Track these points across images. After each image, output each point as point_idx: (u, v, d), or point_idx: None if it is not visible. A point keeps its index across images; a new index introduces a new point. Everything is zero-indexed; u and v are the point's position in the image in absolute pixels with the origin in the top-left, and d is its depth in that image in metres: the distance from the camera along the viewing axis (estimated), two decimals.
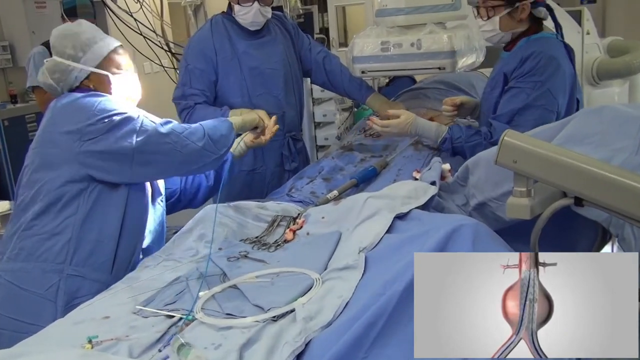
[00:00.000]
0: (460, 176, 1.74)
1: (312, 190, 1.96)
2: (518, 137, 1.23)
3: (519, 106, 1.89)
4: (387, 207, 1.51)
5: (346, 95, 2.65)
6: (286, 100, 2.39)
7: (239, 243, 1.61)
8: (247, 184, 2.38)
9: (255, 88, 2.31)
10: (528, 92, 1.88)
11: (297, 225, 1.64)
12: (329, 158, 2.25)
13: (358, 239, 1.42)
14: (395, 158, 2.09)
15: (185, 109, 2.21)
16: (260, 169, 2.39)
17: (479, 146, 1.93)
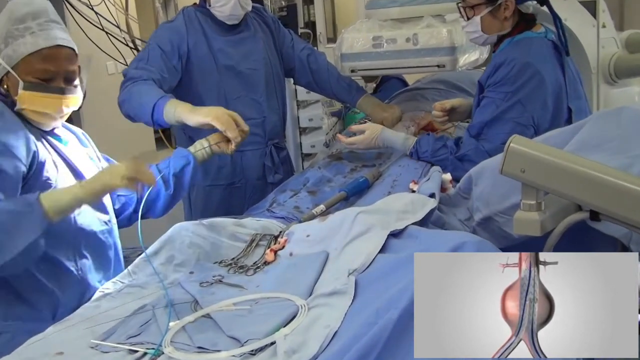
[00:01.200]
0: (462, 187, 1.74)
1: (296, 204, 1.96)
2: (525, 144, 1.23)
3: (487, 118, 1.94)
4: (381, 223, 1.51)
5: (334, 98, 2.66)
6: (268, 104, 2.40)
7: (212, 266, 1.60)
8: (224, 199, 2.38)
9: (232, 90, 2.31)
10: (497, 104, 1.92)
11: (279, 244, 1.63)
12: (315, 168, 2.26)
13: (347, 259, 1.42)
14: (389, 168, 2.10)
15: (131, 79, 2.10)
16: (239, 182, 2.39)
17: (445, 161, 1.99)
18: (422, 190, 1.73)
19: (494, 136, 1.91)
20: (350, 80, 2.53)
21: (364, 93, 2.54)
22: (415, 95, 2.72)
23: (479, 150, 1.93)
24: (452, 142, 2.03)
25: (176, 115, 1.92)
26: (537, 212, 1.20)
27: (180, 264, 1.59)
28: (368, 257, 1.39)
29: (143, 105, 1.99)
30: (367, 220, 1.52)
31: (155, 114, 1.96)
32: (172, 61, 2.21)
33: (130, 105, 2.05)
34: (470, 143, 1.96)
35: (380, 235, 1.46)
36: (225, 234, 1.71)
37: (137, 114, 2.05)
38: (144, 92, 2.03)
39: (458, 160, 1.98)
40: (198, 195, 2.39)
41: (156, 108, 1.96)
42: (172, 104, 1.94)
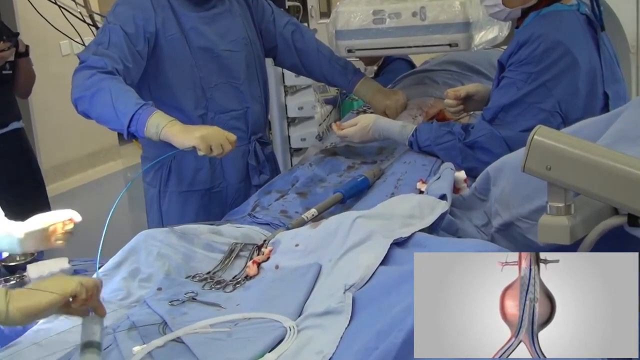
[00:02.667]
0: (479, 187, 1.74)
1: (283, 208, 1.96)
2: (552, 136, 1.23)
3: (505, 101, 1.94)
4: (382, 230, 1.51)
5: (326, 82, 2.66)
6: (250, 92, 2.40)
7: (184, 281, 1.59)
8: (202, 207, 2.38)
9: (209, 77, 2.30)
10: (519, 85, 1.92)
11: (263, 255, 1.63)
12: (306, 165, 2.26)
13: (344, 273, 1.42)
14: (393, 165, 2.10)
15: (90, 67, 2.07)
16: (219, 186, 2.39)
17: (452, 149, 2.00)
18: (431, 190, 1.73)
19: (512, 122, 1.91)
20: (345, 62, 2.53)
21: (362, 77, 2.54)
22: (423, 78, 2.72)
23: (494, 137, 1.93)
24: (460, 127, 2.04)
25: (162, 134, 1.95)
26: (565, 217, 1.20)
27: (146, 279, 1.58)
28: (368, 270, 1.39)
29: (117, 111, 1.99)
30: (367, 227, 1.52)
31: (133, 126, 1.97)
32: (137, 46, 2.17)
33: (93, 106, 2.04)
34: (483, 128, 1.96)
35: (382, 244, 1.46)
36: (199, 243, 1.71)
37: (103, 118, 2.05)
38: (115, 94, 2.01)
39: (468, 148, 1.98)
40: (171, 203, 2.39)
41: (135, 121, 1.97)
42: (155, 119, 1.96)
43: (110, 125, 2.05)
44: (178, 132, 1.95)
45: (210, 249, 1.70)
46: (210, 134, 1.94)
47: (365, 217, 1.56)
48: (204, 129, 1.99)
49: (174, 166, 2.33)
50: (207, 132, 1.95)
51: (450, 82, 2.61)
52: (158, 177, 2.37)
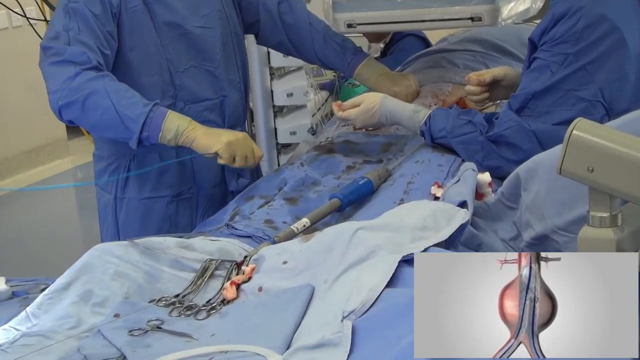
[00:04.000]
0: (507, 193, 1.75)
1: (268, 217, 1.96)
2: (595, 131, 1.23)
3: (537, 87, 1.95)
4: (389, 244, 1.51)
5: (320, 64, 2.66)
6: (227, 77, 2.41)
7: (148, 306, 1.59)
8: (169, 216, 2.40)
9: (178, 59, 2.31)
10: (553, 69, 1.93)
11: (243, 275, 1.63)
12: (296, 165, 2.26)
13: (342, 297, 1.42)
14: (402, 164, 2.11)
15: (71, 63, 2.08)
16: (189, 191, 2.41)
17: (472, 143, 2.02)
18: (448, 197, 1.74)
19: (544, 113, 1.92)
20: (343, 39, 2.53)
21: (364, 57, 2.54)
22: (439, 60, 2.73)
23: (522, 130, 1.94)
24: (482, 117, 2.05)
25: (182, 139, 2.07)
26: (611, 229, 1.20)
27: (100, 303, 1.58)
28: (371, 292, 1.39)
29: (122, 116, 2.05)
30: (370, 241, 1.52)
31: (147, 132, 2.05)
32: (106, 26, 2.19)
33: (87, 113, 2.08)
34: (510, 119, 1.98)
35: (389, 261, 1.46)
36: (165, 260, 1.70)
37: (102, 125, 2.11)
38: (115, 96, 2.07)
39: (491, 142, 1.99)
40: (131, 212, 2.40)
41: (147, 126, 2.04)
42: (173, 122, 2.06)
43: (111, 133, 2.13)
44: (202, 135, 2.07)
45: (178, 267, 1.70)
46: (238, 141, 2.07)
47: (368, 229, 1.56)
48: (232, 134, 2.11)
49: (134, 167, 2.34)
50: (235, 139, 2.08)
51: (473, 64, 2.61)
52: (114, 180, 2.37)
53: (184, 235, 1.88)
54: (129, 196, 2.38)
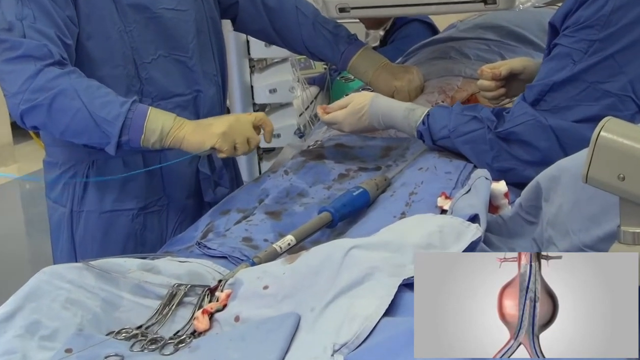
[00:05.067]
0: (526, 205, 1.75)
1: (247, 234, 1.96)
2: (627, 132, 1.24)
3: (556, 79, 1.95)
4: (388, 265, 1.51)
5: (309, 55, 2.66)
6: (202, 69, 2.41)
7: (106, 339, 1.58)
8: (133, 233, 2.40)
9: (144, 47, 2.31)
10: (576, 57, 1.93)
11: (217, 302, 1.62)
12: (280, 173, 2.27)
13: (332, 327, 1.41)
14: (403, 172, 2.11)
15: (29, 58, 2.07)
16: (157, 204, 2.41)
17: (480, 141, 2.02)
18: (458, 209, 1.74)
19: (564, 107, 1.93)
20: (336, 25, 2.54)
21: (360, 47, 2.55)
22: (447, 50, 2.73)
23: (538, 126, 1.95)
24: (490, 112, 2.05)
25: (169, 140, 2.08)
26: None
27: (50, 336, 1.57)
28: (367, 322, 1.39)
29: (96, 119, 2.05)
30: (366, 261, 1.52)
31: (126, 135, 2.05)
32: (65, 10, 2.18)
33: (54, 117, 2.08)
34: (524, 112, 1.98)
35: (387, 286, 1.46)
36: (126, 285, 1.70)
37: (72, 130, 2.10)
38: (86, 95, 2.07)
39: (501, 140, 2.00)
40: (88, 229, 2.40)
41: (128, 129, 2.05)
42: (155, 121, 2.07)
43: (84, 138, 2.11)
44: (191, 132, 2.07)
45: (141, 293, 1.69)
46: (233, 127, 2.08)
47: (364, 248, 1.55)
48: (223, 121, 2.11)
49: (93, 175, 2.33)
50: (230, 125, 2.08)
51: (486, 55, 2.62)
52: (69, 191, 2.37)
53: (148, 255, 1.87)
54: (88, 209, 2.37)
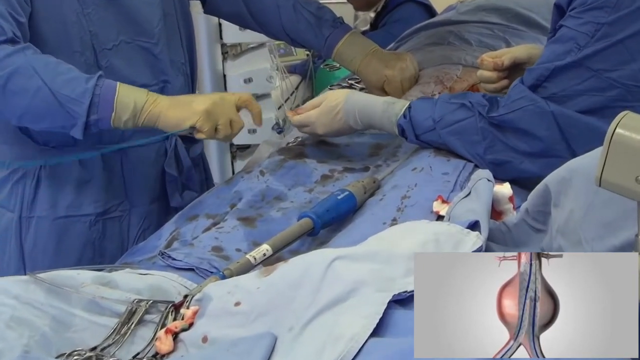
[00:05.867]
0: (533, 210, 1.75)
1: (217, 243, 1.96)
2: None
3: (558, 63, 1.95)
4: (377, 279, 1.51)
5: (289, 41, 2.66)
6: (169, 57, 2.43)
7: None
8: (90, 242, 2.41)
9: (105, 32, 2.32)
10: (581, 41, 1.94)
11: (183, 321, 1.63)
12: (255, 174, 2.27)
13: (313, 349, 1.42)
14: (395, 173, 2.12)
15: None
16: (118, 208, 2.43)
17: (470, 131, 2.04)
18: (456, 215, 1.75)
19: (564, 96, 1.94)
20: (319, 7, 2.57)
21: (347, 31, 2.57)
22: (446, 34, 2.74)
23: (539, 112, 1.95)
24: (481, 97, 2.06)
25: (143, 117, 2.09)
26: None
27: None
28: (351, 344, 1.39)
29: (59, 98, 2.06)
30: (351, 274, 1.52)
31: (95, 114, 2.06)
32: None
33: (10, 99, 2.08)
34: (522, 97, 1.99)
35: (375, 302, 1.46)
36: (79, 301, 1.69)
37: (33, 113, 2.10)
38: (46, 72, 2.07)
39: (494, 128, 2.00)
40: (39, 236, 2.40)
41: (97, 107, 2.06)
42: (127, 96, 2.08)
43: (46, 122, 2.12)
44: (169, 108, 2.08)
45: (96, 311, 1.68)
46: (217, 105, 2.10)
47: (349, 259, 1.56)
48: (206, 98, 2.14)
49: (45, 176, 2.34)
50: (214, 103, 2.10)
51: (490, 41, 2.63)
52: (18, 194, 2.38)
53: (105, 267, 1.87)
54: (39, 215, 2.38)
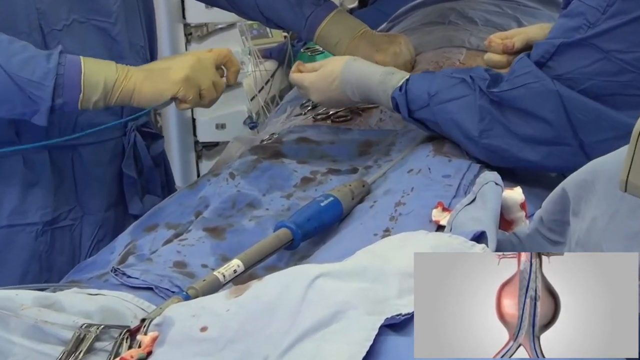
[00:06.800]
0: (548, 219, 1.75)
1: (179, 258, 1.97)
2: None
3: (566, 39, 1.96)
4: (366, 300, 1.51)
5: (264, 21, 2.68)
6: (128, 39, 2.45)
7: None
8: (37, 256, 2.43)
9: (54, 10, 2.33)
10: (591, 18, 1.94)
11: (140, 348, 1.63)
12: (223, 176, 2.28)
13: None
14: (388, 175, 2.13)
15: None
16: (69, 216, 2.44)
17: (466, 110, 2.05)
18: (459, 225, 1.75)
19: (569, 79, 1.95)
20: None
21: (331, 10, 2.58)
22: (446, 12, 2.75)
23: (544, 91, 1.96)
24: (483, 71, 2.08)
25: (116, 94, 2.14)
26: None
27: None
28: None
29: (16, 80, 2.09)
30: (336, 295, 1.52)
31: (60, 97, 2.09)
32: None
33: None
34: (528, 72, 2.00)
35: (365, 327, 1.46)
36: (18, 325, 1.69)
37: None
38: (1, 52, 2.10)
39: (495, 107, 2.02)
40: None
41: (61, 88, 2.09)
42: (95, 73, 2.13)
43: (4, 109, 2.16)
44: (143, 81, 2.13)
45: (38, 337, 1.68)
46: (196, 69, 2.17)
47: (334, 277, 1.56)
48: (182, 63, 2.21)
49: None
50: (192, 68, 2.17)
51: (497, 19, 2.64)
52: None
53: (48, 286, 1.87)
54: None
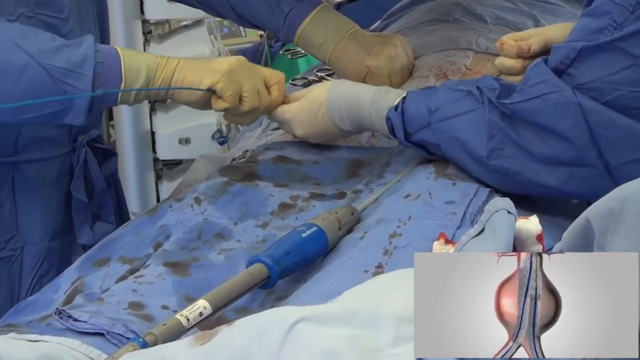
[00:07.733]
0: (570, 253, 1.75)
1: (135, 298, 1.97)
2: None
3: (589, 42, 1.97)
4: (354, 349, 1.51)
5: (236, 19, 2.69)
6: (80, 36, 2.41)
7: None
8: None
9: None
10: (618, 19, 1.95)
11: None
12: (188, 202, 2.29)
13: None
14: (381, 201, 2.14)
15: None
16: (7, 246, 2.47)
17: (473, 125, 2.04)
18: None
19: (594, 89, 1.95)
20: None
21: (315, 5, 2.60)
22: (451, 9, 2.78)
23: (564, 103, 1.96)
24: (492, 80, 2.08)
25: (156, 83, 2.17)
26: None
27: None
28: None
29: (53, 73, 2.11)
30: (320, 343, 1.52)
31: (103, 85, 2.12)
32: None
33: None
34: (545, 80, 1.99)
35: None
36: None
37: (26, 98, 2.11)
38: (29, 41, 2.12)
39: (506, 122, 2.02)
40: None
41: (101, 77, 2.12)
42: (134, 59, 2.18)
43: (37, 108, 2.14)
44: (182, 67, 2.20)
45: None
46: (243, 67, 2.24)
47: (318, 321, 1.57)
48: (230, 58, 2.32)
49: None
50: (239, 65, 2.27)
51: (511, 17, 2.66)
52: None
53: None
54: None
